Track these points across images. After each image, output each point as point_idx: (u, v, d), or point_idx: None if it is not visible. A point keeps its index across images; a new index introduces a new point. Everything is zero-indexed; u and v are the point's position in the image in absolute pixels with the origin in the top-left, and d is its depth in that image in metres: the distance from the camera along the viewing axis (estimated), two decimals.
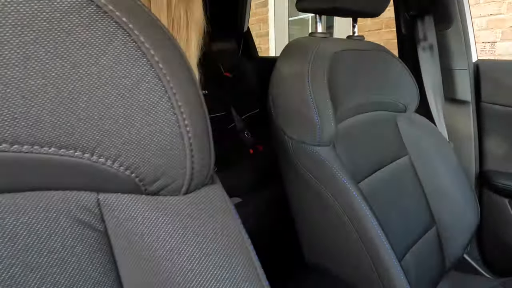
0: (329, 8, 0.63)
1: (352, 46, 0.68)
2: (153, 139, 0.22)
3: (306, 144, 0.54)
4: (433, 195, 0.81)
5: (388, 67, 0.77)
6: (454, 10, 0.82)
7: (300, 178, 0.57)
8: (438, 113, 0.90)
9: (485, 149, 0.93)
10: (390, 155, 0.78)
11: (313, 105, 0.51)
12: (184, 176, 0.24)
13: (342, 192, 0.51)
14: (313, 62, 0.55)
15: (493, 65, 0.87)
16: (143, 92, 0.21)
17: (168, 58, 0.22)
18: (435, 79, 0.88)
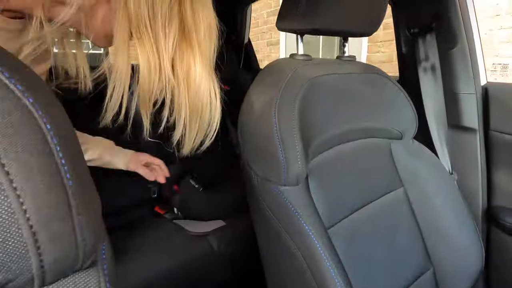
0: (309, 29, 0.57)
1: (336, 69, 0.61)
2: None
3: (271, 182, 0.48)
4: (431, 234, 0.72)
5: (381, 91, 0.69)
6: (459, 28, 0.73)
7: (263, 215, 0.50)
8: (441, 141, 0.81)
9: (493, 183, 0.83)
10: (381, 187, 0.70)
11: (279, 142, 0.45)
12: (30, 271, 0.18)
13: (302, 238, 0.45)
14: (283, 91, 0.49)
15: (504, 89, 0.77)
16: None
17: (5, 129, 0.17)
18: (437, 103, 0.80)
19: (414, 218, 0.73)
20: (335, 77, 0.58)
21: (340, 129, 0.61)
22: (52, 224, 0.18)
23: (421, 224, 0.73)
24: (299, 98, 0.49)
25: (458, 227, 0.72)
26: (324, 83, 0.55)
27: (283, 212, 0.46)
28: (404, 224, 0.71)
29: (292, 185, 0.47)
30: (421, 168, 0.74)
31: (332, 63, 0.64)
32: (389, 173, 0.73)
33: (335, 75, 0.59)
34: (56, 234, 0.19)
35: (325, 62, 0.63)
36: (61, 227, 0.19)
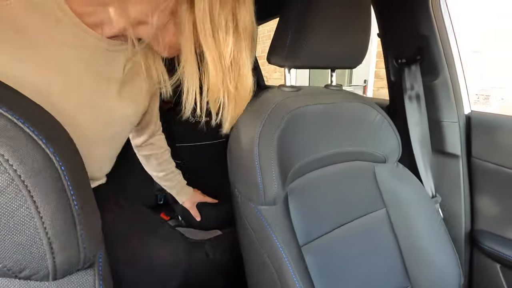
0: (296, 64, 0.64)
1: (321, 99, 0.67)
2: (13, 239, 0.24)
3: (251, 202, 0.55)
4: (410, 253, 0.77)
5: (364, 118, 0.75)
6: (441, 62, 0.79)
7: (244, 230, 0.57)
8: (425, 165, 0.85)
9: (476, 207, 0.86)
10: (363, 207, 0.75)
11: (258, 168, 0.52)
12: (46, 268, 0.26)
13: (274, 253, 0.51)
14: (265, 122, 0.56)
15: (486, 119, 0.82)
16: (4, 201, 0.24)
17: (32, 172, 0.24)
18: (422, 129, 0.85)
19: (395, 237, 0.77)
20: (318, 106, 0.65)
21: (323, 153, 0.68)
22: (62, 236, 0.26)
23: (401, 243, 0.77)
24: (280, 129, 0.55)
25: (437, 248, 0.76)
26: (306, 113, 0.62)
27: (259, 229, 0.53)
28: (384, 243, 0.76)
29: (269, 205, 0.53)
30: (404, 190, 0.79)
31: (318, 93, 0.71)
32: (372, 194, 0.78)
33: (319, 105, 0.65)
34: (65, 244, 0.26)
35: (311, 93, 0.70)
36: (68, 238, 0.27)
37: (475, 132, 0.82)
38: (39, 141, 0.25)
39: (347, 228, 0.71)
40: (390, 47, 0.90)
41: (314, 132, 0.64)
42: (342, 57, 0.68)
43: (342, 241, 0.69)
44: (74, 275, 0.29)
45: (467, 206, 0.87)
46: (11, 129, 0.24)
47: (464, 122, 0.84)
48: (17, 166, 0.24)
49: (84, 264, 0.29)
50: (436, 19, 0.76)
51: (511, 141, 0.76)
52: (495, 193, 0.81)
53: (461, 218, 0.87)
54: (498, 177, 0.79)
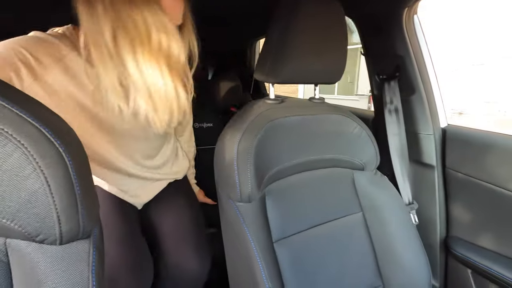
0: (278, 80, 0.72)
1: (301, 111, 0.75)
2: (33, 211, 0.34)
3: (230, 198, 0.63)
4: (383, 255, 0.83)
5: (344, 129, 0.82)
6: (416, 79, 0.86)
7: (225, 224, 0.65)
8: (402, 174, 0.92)
9: (451, 214, 0.92)
10: (340, 209, 0.82)
11: (236, 170, 0.60)
12: (55, 235, 0.35)
13: (246, 245, 0.59)
14: (246, 130, 0.64)
15: (460, 133, 0.88)
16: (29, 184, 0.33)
17: (48, 165, 0.34)
18: (400, 140, 0.91)
19: (370, 240, 0.84)
20: (296, 118, 0.73)
21: (302, 159, 0.75)
22: (67, 211, 0.35)
23: (375, 246, 0.83)
24: (258, 137, 0.64)
25: (408, 250, 0.82)
26: (284, 123, 0.70)
27: (235, 223, 0.61)
28: (359, 244, 0.82)
29: (245, 202, 0.61)
30: (380, 196, 0.85)
31: (299, 105, 0.79)
32: (350, 199, 0.84)
33: (297, 116, 0.73)
34: (69, 217, 0.35)
35: (292, 105, 0.78)
36: (71, 214, 0.35)
37: (450, 145, 0.89)
38: (55, 142, 0.34)
39: (323, 227, 0.78)
40: (372, 64, 0.97)
41: (292, 140, 0.72)
42: (321, 74, 0.76)
43: (317, 239, 0.76)
44: (75, 242, 0.38)
45: (442, 213, 0.92)
46: (37, 134, 0.33)
47: (440, 134, 0.91)
48: (39, 160, 0.33)
49: (82, 235, 0.38)
50: (411, 41, 0.83)
51: (481, 154, 0.82)
52: (467, 202, 0.87)
53: (437, 224, 0.92)
54: (470, 187, 0.85)
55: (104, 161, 0.77)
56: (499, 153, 0.78)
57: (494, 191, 0.79)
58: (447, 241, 0.91)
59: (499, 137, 0.80)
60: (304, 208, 0.76)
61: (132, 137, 0.78)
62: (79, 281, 0.36)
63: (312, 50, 0.70)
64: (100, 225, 0.42)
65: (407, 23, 0.82)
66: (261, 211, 0.65)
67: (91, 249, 0.39)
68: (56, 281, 0.35)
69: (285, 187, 0.73)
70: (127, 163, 0.81)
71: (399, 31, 0.83)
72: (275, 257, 0.64)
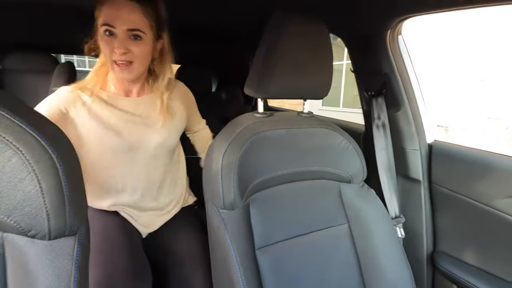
0: (265, 95, 0.77)
1: (287, 124, 0.79)
2: (27, 210, 0.38)
3: (214, 205, 0.67)
4: (367, 266, 0.84)
5: (330, 142, 0.85)
6: (401, 96, 0.89)
7: (210, 231, 0.69)
8: (389, 188, 0.94)
9: (437, 228, 0.93)
10: (326, 220, 0.84)
11: (220, 178, 0.64)
12: (44, 231, 0.40)
13: (226, 251, 0.62)
14: (232, 142, 0.68)
15: (446, 149, 0.90)
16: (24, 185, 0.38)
17: (42, 169, 0.39)
18: (387, 155, 0.94)
19: (355, 251, 0.85)
20: (281, 131, 0.77)
21: (287, 171, 0.79)
22: (56, 211, 0.39)
23: (360, 257, 0.85)
24: (243, 148, 0.68)
25: (392, 263, 0.83)
26: (270, 136, 0.74)
27: (218, 229, 0.64)
28: (344, 255, 0.84)
29: (228, 209, 0.65)
30: (366, 209, 0.88)
31: (286, 119, 0.82)
32: (336, 210, 0.87)
33: (283, 129, 0.77)
34: (57, 216, 0.40)
35: (280, 119, 0.82)
36: (59, 213, 0.40)
37: (435, 160, 0.91)
38: (48, 149, 0.39)
39: (308, 237, 0.80)
40: (361, 81, 1.01)
41: (277, 152, 0.76)
42: (308, 90, 0.81)
43: (301, 248, 0.78)
44: (62, 238, 0.42)
45: (429, 228, 0.93)
46: (33, 142, 0.38)
47: (426, 150, 0.93)
48: (33, 164, 0.38)
49: (69, 232, 0.42)
50: (396, 60, 0.87)
51: (465, 170, 0.84)
52: (453, 217, 0.88)
53: (423, 239, 0.93)
54: (454, 202, 0.86)
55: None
56: (481, 170, 0.80)
57: (477, 207, 0.80)
58: (434, 256, 0.92)
59: (482, 154, 0.82)
60: (289, 217, 0.79)
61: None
62: (63, 273, 0.41)
63: (298, 67, 0.74)
64: (87, 225, 0.47)
65: (391, 43, 0.86)
66: (244, 219, 0.68)
67: (76, 245, 0.43)
68: (43, 271, 0.40)
69: (270, 197, 0.77)
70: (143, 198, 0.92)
71: (383, 51, 0.87)
72: (256, 264, 0.67)
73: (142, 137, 0.87)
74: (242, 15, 1.20)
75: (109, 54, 0.77)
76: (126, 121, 0.85)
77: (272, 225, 0.75)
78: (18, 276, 0.40)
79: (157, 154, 0.91)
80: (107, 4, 0.74)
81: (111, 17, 0.73)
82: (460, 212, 0.86)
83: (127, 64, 0.77)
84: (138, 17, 0.75)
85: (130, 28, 0.75)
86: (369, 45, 0.91)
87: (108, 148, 0.84)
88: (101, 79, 0.85)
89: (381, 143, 0.95)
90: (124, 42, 0.75)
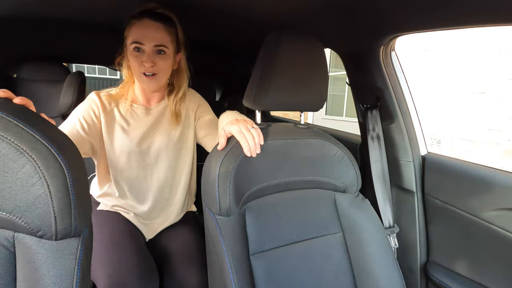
0: (261, 108, 0.81)
1: (284, 135, 0.82)
2: (37, 211, 0.42)
3: (211, 212, 0.70)
4: (360, 275, 0.86)
5: (325, 153, 0.88)
6: (395, 109, 0.93)
7: (207, 237, 0.71)
8: (383, 198, 0.96)
9: (430, 239, 0.94)
10: (321, 228, 0.86)
11: (217, 186, 0.68)
12: (51, 232, 0.44)
13: (221, 256, 0.65)
14: (229, 152, 0.72)
15: (438, 160, 0.93)
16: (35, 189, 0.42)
17: (51, 175, 0.42)
18: (382, 166, 0.97)
19: (349, 259, 0.87)
20: (277, 141, 0.80)
21: (282, 180, 0.82)
22: (62, 213, 0.43)
23: (353, 265, 0.87)
24: (239, 158, 0.71)
25: (385, 272, 0.85)
26: (266, 146, 0.77)
27: (214, 235, 0.67)
28: (338, 263, 0.86)
29: (224, 216, 0.68)
30: (360, 218, 0.90)
31: (282, 130, 0.86)
32: (330, 219, 0.89)
33: (278, 140, 0.81)
34: (64, 218, 0.44)
35: (276, 130, 0.85)
36: (65, 215, 0.44)
37: (428, 172, 0.93)
38: (58, 157, 0.43)
39: (302, 244, 0.82)
40: (356, 94, 1.05)
41: (273, 162, 0.79)
42: (303, 102, 0.84)
43: (295, 255, 0.81)
44: (67, 239, 0.46)
45: (422, 238, 0.95)
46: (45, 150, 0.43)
47: (420, 161, 0.95)
48: (44, 171, 0.42)
49: (74, 234, 0.46)
50: (389, 74, 0.91)
51: (456, 182, 0.86)
52: (445, 228, 0.90)
53: (417, 249, 0.95)
54: (447, 214, 0.88)
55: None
56: (472, 182, 0.82)
57: (468, 219, 0.82)
58: (427, 267, 0.94)
59: (473, 167, 0.84)
60: (283, 225, 0.81)
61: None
62: (67, 272, 0.44)
63: (293, 81, 0.78)
64: (90, 227, 0.50)
65: (384, 58, 0.89)
66: (240, 225, 0.71)
67: (80, 246, 0.46)
68: (48, 269, 0.43)
69: (265, 204, 0.79)
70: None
71: (377, 66, 0.90)
72: (250, 270, 0.70)
73: (151, 141, 0.97)
74: (242, 31, 1.25)
75: (138, 67, 0.88)
76: (143, 127, 0.96)
77: (267, 232, 0.78)
78: (26, 273, 0.44)
79: (165, 158, 0.99)
80: (136, 25, 0.86)
81: (140, 36, 0.85)
82: (453, 224, 0.88)
83: (154, 75, 0.89)
84: (162, 35, 0.87)
85: (156, 44, 0.87)
86: (363, 60, 0.94)
87: (124, 151, 0.95)
88: (125, 91, 0.97)
89: (375, 154, 0.98)
90: (151, 56, 0.87)
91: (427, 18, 0.72)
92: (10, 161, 0.41)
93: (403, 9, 0.72)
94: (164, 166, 1.00)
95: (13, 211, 0.42)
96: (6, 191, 0.41)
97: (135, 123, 0.96)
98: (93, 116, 0.91)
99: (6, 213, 0.42)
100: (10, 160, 0.41)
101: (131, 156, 0.95)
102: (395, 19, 0.78)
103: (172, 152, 1.00)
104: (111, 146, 0.94)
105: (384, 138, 0.97)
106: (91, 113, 0.91)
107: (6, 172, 0.41)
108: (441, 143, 2.02)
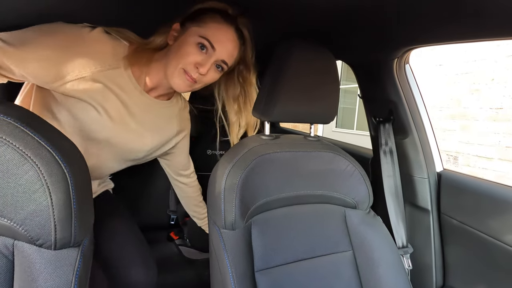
0: (270, 119, 0.79)
1: (292, 147, 0.80)
2: (37, 220, 0.41)
3: (216, 225, 0.68)
4: None
5: (335, 167, 0.85)
6: (409, 123, 0.89)
7: (211, 250, 0.69)
8: (396, 216, 0.92)
9: (447, 261, 0.89)
10: (330, 246, 0.82)
11: (223, 199, 0.66)
12: (51, 241, 0.43)
13: (224, 271, 0.62)
14: (236, 163, 0.70)
15: (455, 178, 0.88)
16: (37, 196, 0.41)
17: (54, 182, 0.42)
18: (394, 182, 0.93)
19: (359, 280, 0.83)
20: (286, 153, 0.78)
21: (291, 193, 0.79)
22: (63, 222, 0.42)
23: (364, 286, 0.82)
24: (246, 170, 0.69)
25: None
26: (273, 158, 0.75)
27: (218, 249, 0.65)
28: (346, 283, 0.81)
29: (229, 229, 0.66)
30: (371, 236, 0.86)
31: (292, 142, 0.84)
32: (340, 236, 0.85)
33: (287, 152, 0.79)
34: (64, 227, 0.43)
35: (285, 142, 0.83)
36: (66, 225, 0.43)
37: (444, 190, 0.89)
38: (62, 164, 0.42)
39: (309, 262, 0.79)
40: (369, 107, 1.02)
41: (281, 175, 0.77)
42: (313, 114, 0.82)
43: (302, 273, 0.77)
44: (66, 249, 0.45)
45: (438, 260, 0.90)
46: (49, 157, 0.42)
47: (435, 179, 0.91)
48: (47, 178, 0.41)
49: (73, 244, 0.44)
50: (403, 88, 0.88)
51: (475, 202, 0.82)
52: (463, 250, 0.85)
53: (432, 272, 0.90)
54: (464, 235, 0.83)
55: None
56: (491, 202, 0.78)
57: (487, 241, 0.77)
58: None
59: (493, 187, 0.80)
60: (291, 241, 0.78)
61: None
62: (63, 283, 0.43)
63: (303, 92, 0.77)
64: (91, 237, 0.49)
65: (398, 71, 0.87)
66: (245, 240, 0.69)
67: (79, 257, 0.45)
68: (45, 280, 0.42)
69: (272, 219, 0.77)
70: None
71: (390, 79, 0.88)
72: (255, 287, 0.67)
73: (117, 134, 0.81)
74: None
75: (184, 61, 0.73)
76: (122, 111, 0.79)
77: (273, 248, 0.75)
78: (23, 282, 0.42)
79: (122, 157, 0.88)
80: (215, 23, 0.72)
81: (215, 38, 0.72)
82: (470, 246, 0.83)
83: (194, 81, 0.75)
84: (234, 54, 0.78)
85: (223, 59, 0.76)
86: (376, 73, 0.92)
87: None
88: (134, 60, 0.76)
89: (388, 170, 0.94)
90: (210, 65, 0.74)
91: (441, 31, 0.70)
92: (14, 167, 0.40)
93: (417, 22, 0.70)
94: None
95: (14, 217, 0.41)
96: (8, 197, 0.40)
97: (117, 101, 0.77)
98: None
99: (7, 220, 0.41)
100: (13, 166, 0.40)
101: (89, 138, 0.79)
102: (409, 31, 0.76)
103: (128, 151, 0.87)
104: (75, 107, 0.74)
105: (397, 153, 0.93)
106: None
107: (9, 178, 0.40)
108: (458, 160, 1.95)
